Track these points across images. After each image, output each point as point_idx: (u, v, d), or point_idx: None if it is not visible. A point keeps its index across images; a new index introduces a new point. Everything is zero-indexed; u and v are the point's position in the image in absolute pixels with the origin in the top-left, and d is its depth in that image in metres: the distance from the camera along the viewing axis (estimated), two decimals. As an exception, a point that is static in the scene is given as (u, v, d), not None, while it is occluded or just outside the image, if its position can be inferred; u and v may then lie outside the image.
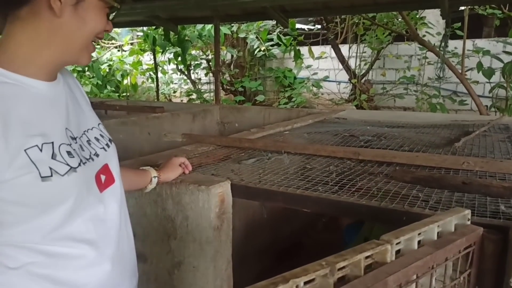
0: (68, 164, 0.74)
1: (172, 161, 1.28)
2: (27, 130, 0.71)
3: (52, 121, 0.76)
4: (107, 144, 0.89)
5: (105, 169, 0.85)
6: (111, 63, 8.67)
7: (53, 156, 0.72)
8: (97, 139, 0.87)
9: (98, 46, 8.72)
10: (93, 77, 8.38)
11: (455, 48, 5.82)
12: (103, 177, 0.84)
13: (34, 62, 0.75)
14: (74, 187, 0.75)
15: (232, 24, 7.05)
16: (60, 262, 0.75)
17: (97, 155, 0.84)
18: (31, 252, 0.72)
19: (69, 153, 0.76)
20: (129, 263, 0.93)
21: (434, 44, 5.54)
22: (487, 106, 5.38)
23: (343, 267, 0.63)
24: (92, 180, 0.81)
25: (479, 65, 5.07)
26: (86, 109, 0.91)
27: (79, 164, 0.77)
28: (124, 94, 8.91)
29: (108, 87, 8.60)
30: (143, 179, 1.15)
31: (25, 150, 0.69)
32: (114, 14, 0.82)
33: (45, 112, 0.76)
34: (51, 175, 0.71)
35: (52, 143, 0.74)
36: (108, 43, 8.93)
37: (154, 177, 1.18)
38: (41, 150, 0.71)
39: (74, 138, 0.80)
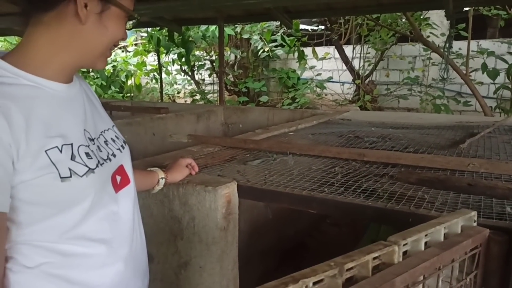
0: (86, 165, 0.76)
1: (179, 162, 1.29)
2: (47, 131, 0.72)
3: (71, 123, 0.78)
4: (122, 146, 0.90)
5: (121, 170, 0.87)
6: (115, 64, 8.70)
7: (72, 158, 0.74)
8: (113, 140, 0.89)
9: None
10: (97, 77, 8.42)
11: (460, 49, 5.81)
12: (118, 178, 0.85)
13: (52, 65, 0.77)
14: (92, 187, 0.76)
15: (236, 25, 7.06)
16: (75, 262, 0.76)
17: (114, 156, 0.85)
18: (47, 251, 0.73)
19: (87, 154, 0.77)
20: (141, 263, 0.94)
21: (438, 45, 5.53)
22: (491, 107, 5.37)
23: (351, 268, 0.64)
24: (108, 181, 0.82)
25: (484, 66, 5.06)
26: (101, 111, 0.93)
27: (97, 165, 0.78)
28: (128, 94, 8.94)
29: (112, 87, 8.64)
30: (150, 180, 1.16)
31: (45, 151, 0.70)
32: (132, 23, 0.85)
33: (63, 114, 0.77)
34: (70, 176, 0.72)
35: (71, 144, 0.75)
36: (112, 44, 8.94)
37: (162, 178, 1.19)
38: (61, 151, 0.72)
39: (92, 139, 0.81)
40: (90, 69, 8.27)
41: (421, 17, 6.02)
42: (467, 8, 5.03)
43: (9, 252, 0.72)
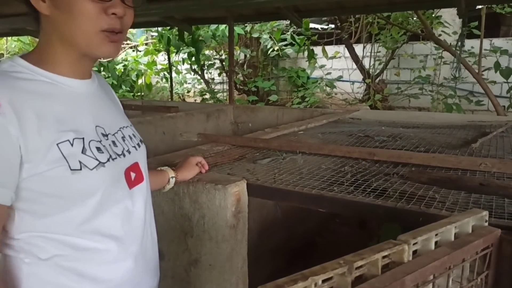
0: (97, 159, 0.77)
1: (189, 160, 1.30)
2: (60, 126, 0.74)
3: (84, 118, 0.80)
4: (138, 144, 0.92)
5: (135, 167, 0.88)
6: (126, 63, 8.78)
7: (83, 151, 0.76)
8: (130, 138, 0.90)
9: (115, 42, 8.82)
10: (108, 76, 8.50)
11: (472, 47, 5.73)
12: (133, 175, 0.86)
13: (61, 61, 0.79)
14: (103, 181, 0.78)
15: (246, 24, 7.07)
16: (87, 256, 0.78)
17: (129, 152, 0.87)
18: (60, 244, 0.75)
19: (98, 148, 0.79)
20: (152, 261, 0.95)
21: (450, 43, 5.46)
22: (504, 106, 5.29)
23: (361, 266, 0.64)
24: (122, 176, 0.83)
25: (497, 65, 4.98)
26: (119, 110, 0.95)
27: (108, 160, 0.79)
28: (139, 93, 9.02)
29: (123, 86, 8.71)
30: (161, 180, 1.18)
31: (57, 145, 0.72)
32: None
33: (77, 109, 0.79)
34: (81, 169, 0.74)
35: (83, 138, 0.77)
36: (123, 44, 9.03)
37: (172, 177, 1.20)
38: (72, 145, 0.74)
39: (105, 135, 0.83)
40: (101, 68, 8.38)
41: (433, 15, 5.95)
42: (479, 6, 4.96)
43: (24, 243, 0.74)
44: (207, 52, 8.13)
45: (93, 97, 0.84)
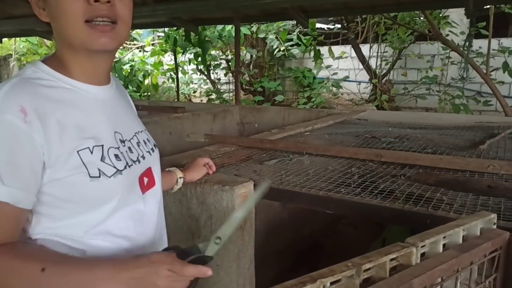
0: (115, 167, 0.79)
1: (197, 161, 1.31)
2: (81, 133, 0.76)
3: (103, 125, 0.81)
4: (152, 149, 0.93)
5: (149, 172, 0.89)
6: (133, 63, 8.83)
7: (102, 159, 0.77)
8: (145, 142, 0.91)
9: (121, 47, 8.89)
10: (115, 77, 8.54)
11: (480, 47, 5.68)
12: (145, 179, 0.88)
13: (74, 65, 0.79)
14: (119, 188, 0.79)
15: (252, 25, 7.07)
16: (99, 253, 0.79)
17: (144, 158, 0.88)
18: (74, 243, 0.77)
19: (116, 156, 0.80)
20: None
21: (458, 43, 5.42)
22: (513, 107, 5.24)
23: (369, 269, 0.64)
24: (136, 182, 0.85)
25: (505, 65, 4.94)
26: (134, 115, 0.97)
27: (125, 167, 0.81)
28: (145, 94, 9.06)
29: (130, 87, 8.76)
30: (169, 181, 1.18)
31: (77, 152, 0.74)
32: None
33: (97, 116, 0.81)
34: (99, 176, 0.76)
35: (102, 146, 0.78)
36: (130, 44, 9.09)
37: (180, 178, 1.20)
38: (92, 153, 0.76)
39: (123, 141, 0.84)
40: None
41: (440, 15, 5.92)
42: (488, 6, 4.92)
43: (37, 243, 0.75)
44: (213, 52, 8.15)
45: (111, 102, 0.86)
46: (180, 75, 8.37)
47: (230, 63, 8.17)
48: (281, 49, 7.34)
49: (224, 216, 1.24)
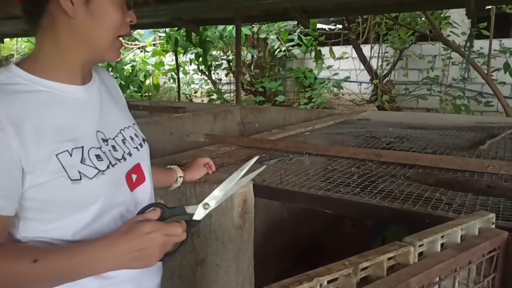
0: (96, 168, 0.77)
1: (197, 161, 1.31)
2: (59, 136, 0.74)
3: (84, 125, 0.80)
4: (140, 144, 0.92)
5: (137, 168, 0.88)
6: (134, 63, 8.85)
7: (82, 160, 0.76)
8: (132, 138, 0.90)
9: (122, 48, 8.90)
10: (116, 77, 8.56)
11: (481, 48, 5.68)
12: (134, 176, 0.87)
13: (63, 67, 0.78)
14: (103, 188, 0.78)
15: (253, 25, 7.08)
16: None
17: (130, 155, 0.87)
18: (63, 242, 0.76)
19: (98, 156, 0.79)
20: None
21: (459, 44, 5.42)
22: (514, 107, 5.23)
23: (366, 268, 0.64)
24: (122, 180, 0.84)
25: (506, 66, 4.94)
26: (122, 108, 0.94)
27: (108, 167, 0.80)
28: (146, 94, 9.08)
29: (131, 87, 8.78)
30: (169, 178, 1.19)
31: (56, 155, 0.73)
32: (131, 3, 0.83)
33: (77, 117, 0.79)
34: (80, 178, 0.75)
35: (82, 147, 0.77)
36: (131, 44, 9.11)
37: (180, 176, 1.20)
38: (71, 155, 0.75)
39: (105, 140, 0.83)
40: (109, 69, 8.44)
41: (441, 15, 5.92)
42: (489, 6, 4.92)
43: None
44: (214, 52, 8.16)
45: (93, 101, 0.84)
46: (181, 75, 8.38)
47: (231, 64, 8.18)
48: (282, 49, 7.35)
49: (224, 215, 1.25)
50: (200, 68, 8.44)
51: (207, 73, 8.69)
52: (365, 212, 1.16)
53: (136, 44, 9.22)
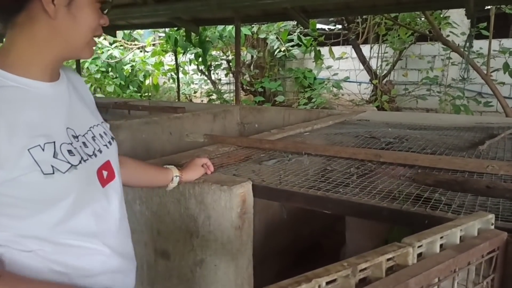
0: (69, 162, 0.79)
1: (195, 161, 1.31)
2: (30, 131, 0.75)
3: (54, 122, 0.81)
4: (109, 142, 0.94)
5: (107, 165, 0.90)
6: (133, 63, 8.84)
7: (55, 155, 0.77)
8: (101, 136, 0.92)
9: (121, 47, 8.91)
10: (116, 77, 8.56)
11: (480, 48, 5.68)
12: (105, 173, 0.89)
13: (35, 64, 0.80)
14: (75, 183, 0.80)
15: (253, 25, 7.08)
16: (66, 250, 0.81)
17: (100, 151, 0.89)
18: (40, 241, 0.78)
19: (70, 151, 0.80)
20: (128, 252, 0.97)
21: (459, 44, 5.42)
22: (513, 107, 5.23)
23: (365, 269, 0.64)
24: (94, 176, 0.86)
25: (506, 66, 4.94)
26: (91, 107, 0.96)
27: (80, 162, 0.81)
28: (146, 94, 9.07)
29: (131, 87, 8.78)
30: (164, 177, 1.19)
31: (28, 150, 0.74)
32: (107, 9, 0.87)
33: (47, 113, 0.80)
34: (53, 173, 0.76)
35: (54, 142, 0.78)
36: (131, 44, 9.10)
37: (176, 176, 1.21)
38: (43, 150, 0.76)
39: (76, 137, 0.84)
40: (109, 69, 8.44)
41: (441, 16, 5.92)
42: (488, 7, 4.92)
43: (2, 241, 0.76)
44: (214, 52, 8.16)
45: (62, 98, 0.86)
46: (180, 75, 8.39)
47: (230, 64, 8.18)
48: (282, 49, 7.35)
49: (223, 216, 1.24)
50: (200, 68, 8.44)
51: (206, 73, 8.69)
52: (364, 212, 1.15)
53: (135, 44, 9.21)
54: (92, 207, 0.84)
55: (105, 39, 8.55)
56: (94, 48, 0.87)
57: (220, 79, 9.07)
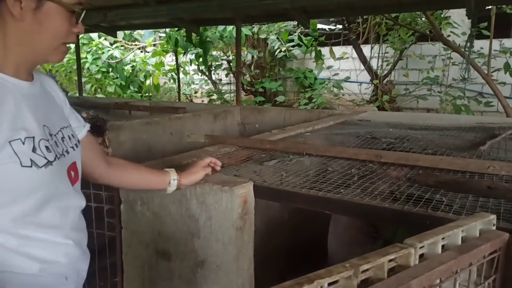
0: (46, 158, 0.82)
1: (197, 163, 1.27)
2: (12, 124, 0.78)
3: (33, 118, 0.83)
4: (76, 144, 0.96)
5: (74, 166, 0.93)
6: (134, 64, 8.84)
7: (34, 150, 0.80)
8: (69, 138, 0.94)
9: (122, 48, 8.91)
10: (117, 77, 8.56)
11: (481, 48, 5.67)
12: (72, 173, 0.92)
13: (9, 62, 0.82)
14: (49, 178, 0.83)
15: (253, 25, 7.08)
16: (31, 243, 0.83)
17: (68, 152, 0.91)
18: (3, 233, 0.79)
19: (47, 148, 0.83)
20: (85, 245, 0.99)
21: (459, 44, 5.42)
22: (514, 107, 5.23)
23: (367, 270, 0.64)
24: (65, 174, 0.89)
25: (506, 66, 4.94)
26: (63, 110, 0.99)
27: (55, 159, 0.84)
28: (147, 94, 9.07)
29: (131, 87, 8.78)
30: (161, 180, 1.16)
31: (9, 142, 0.76)
32: (82, 17, 0.87)
33: (26, 109, 0.83)
34: (31, 166, 0.79)
35: (33, 137, 0.81)
36: (131, 45, 9.11)
37: (174, 179, 1.17)
38: (23, 143, 0.78)
39: (50, 135, 0.87)
40: (110, 69, 8.44)
41: (442, 16, 5.91)
42: (489, 7, 4.91)
43: None
44: (214, 53, 8.16)
45: (38, 97, 0.88)
46: (181, 75, 8.38)
47: (231, 64, 8.18)
48: (282, 49, 7.35)
49: (224, 216, 1.24)
50: (200, 69, 8.44)
51: (207, 74, 8.69)
52: (366, 213, 1.15)
53: (136, 45, 9.22)
54: (59, 202, 0.87)
55: (105, 39, 8.55)
56: (66, 53, 0.88)
57: (220, 80, 9.07)
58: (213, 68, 8.54)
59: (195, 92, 9.51)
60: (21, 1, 0.77)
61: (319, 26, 7.42)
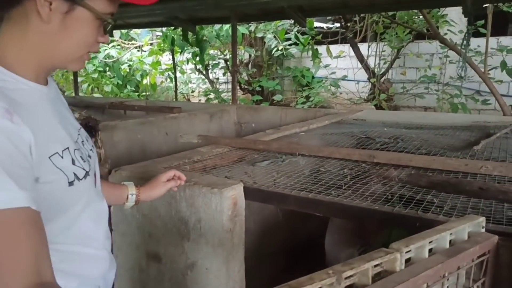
0: (83, 169, 0.78)
1: (158, 178, 1.14)
2: (49, 137, 0.72)
3: (60, 126, 0.77)
4: (93, 146, 0.91)
5: (97, 169, 0.90)
6: (131, 63, 8.81)
7: (73, 162, 0.76)
8: (87, 139, 0.90)
9: (119, 47, 8.88)
10: (113, 77, 8.53)
11: (478, 46, 5.67)
12: (95, 178, 0.89)
13: (31, 65, 0.75)
14: (87, 189, 0.80)
15: (250, 24, 7.05)
16: (70, 257, 0.80)
17: (90, 157, 0.86)
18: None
19: (81, 158, 0.79)
20: (110, 253, 0.97)
21: (456, 42, 5.41)
22: (511, 106, 5.23)
23: (351, 276, 0.63)
24: (93, 181, 0.85)
25: (503, 64, 4.93)
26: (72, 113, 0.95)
27: (89, 168, 0.81)
28: (144, 93, 9.05)
29: (128, 86, 8.75)
30: (117, 193, 1.08)
31: (49, 158, 0.71)
32: (110, 27, 0.80)
33: (54, 117, 0.77)
34: (74, 180, 0.75)
35: (68, 148, 0.76)
36: (128, 44, 9.08)
37: (132, 194, 1.08)
38: (62, 157, 0.73)
39: (75, 142, 0.81)
40: (107, 68, 8.41)
41: (439, 14, 5.90)
42: (486, 5, 4.90)
43: None
44: (211, 51, 8.14)
45: (56, 103, 0.82)
46: (178, 74, 8.36)
47: (228, 63, 8.15)
48: (280, 48, 7.32)
49: (213, 219, 1.23)
50: (197, 68, 8.42)
51: (204, 73, 8.66)
52: (355, 215, 1.14)
53: (133, 44, 9.18)
54: (94, 209, 0.83)
55: (102, 38, 8.49)
56: (85, 62, 0.83)
57: (218, 78, 9.05)
58: (210, 67, 8.52)
59: (192, 91, 9.48)
60: (51, 2, 0.70)
61: (316, 24, 7.40)
